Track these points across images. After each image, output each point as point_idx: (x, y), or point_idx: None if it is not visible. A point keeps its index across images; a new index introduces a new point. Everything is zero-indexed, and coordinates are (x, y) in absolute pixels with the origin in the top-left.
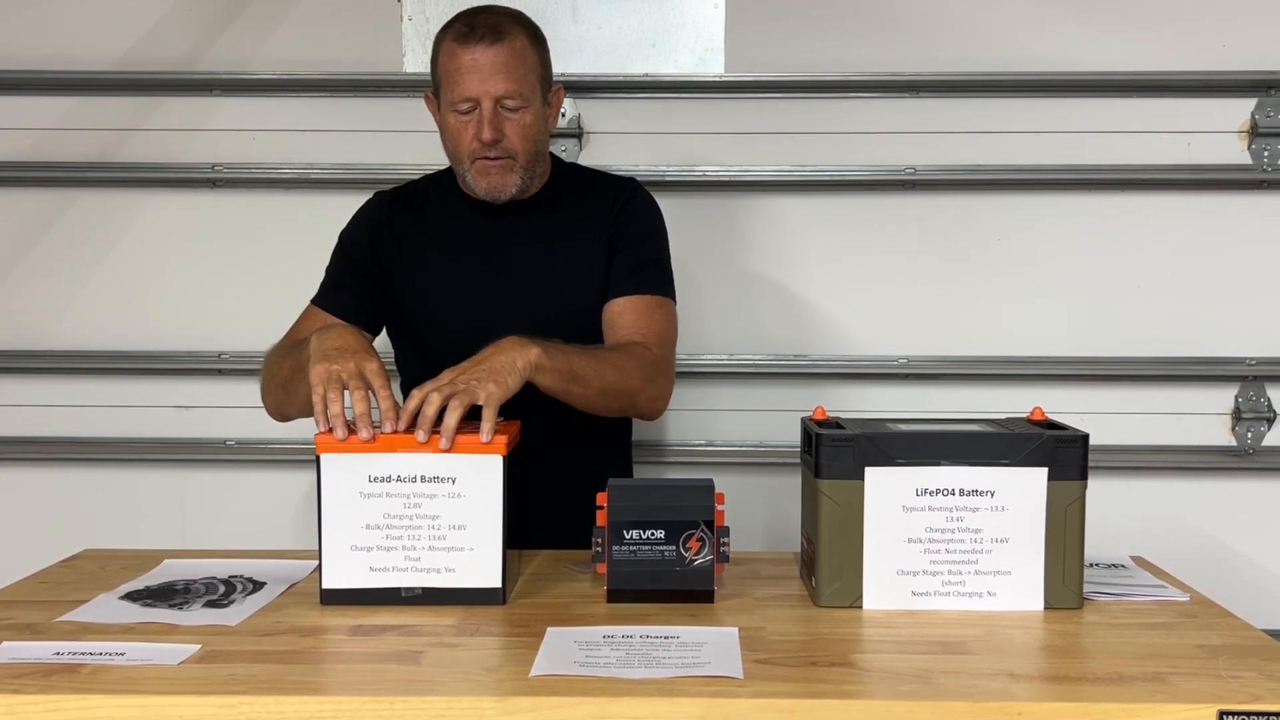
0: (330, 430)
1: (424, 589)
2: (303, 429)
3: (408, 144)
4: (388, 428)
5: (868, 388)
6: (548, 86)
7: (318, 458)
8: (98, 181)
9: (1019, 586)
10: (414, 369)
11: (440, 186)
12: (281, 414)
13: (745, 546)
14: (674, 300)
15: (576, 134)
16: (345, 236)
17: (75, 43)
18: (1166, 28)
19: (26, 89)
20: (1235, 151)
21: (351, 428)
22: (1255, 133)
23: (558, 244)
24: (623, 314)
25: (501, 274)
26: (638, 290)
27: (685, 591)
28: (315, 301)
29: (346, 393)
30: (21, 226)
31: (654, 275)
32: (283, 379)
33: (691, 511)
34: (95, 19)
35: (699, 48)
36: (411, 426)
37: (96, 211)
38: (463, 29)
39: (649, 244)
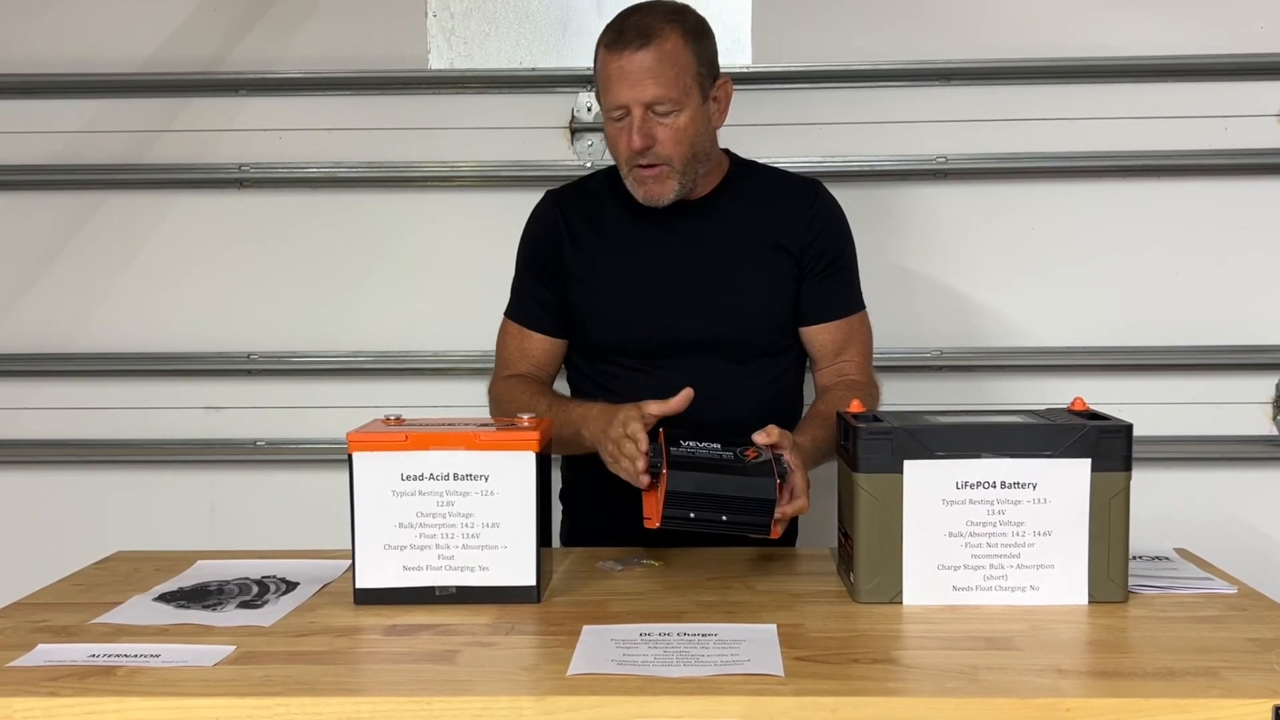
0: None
1: (458, 588)
2: (332, 427)
3: (435, 141)
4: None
5: (900, 380)
6: (710, 83)
7: (350, 456)
8: (126, 183)
9: (1063, 580)
10: (583, 366)
11: (612, 184)
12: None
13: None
14: (865, 304)
15: (602, 128)
16: (523, 243)
17: (101, 46)
18: (1201, 10)
19: (54, 93)
20: (1273, 135)
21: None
22: None
23: (734, 246)
24: (834, 339)
25: (671, 275)
26: (845, 313)
27: (746, 500)
28: (507, 314)
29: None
30: (51, 229)
31: (854, 292)
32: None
33: (745, 440)
34: (121, 22)
35: (726, 39)
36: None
37: (125, 213)
38: (613, 34)
39: (847, 259)
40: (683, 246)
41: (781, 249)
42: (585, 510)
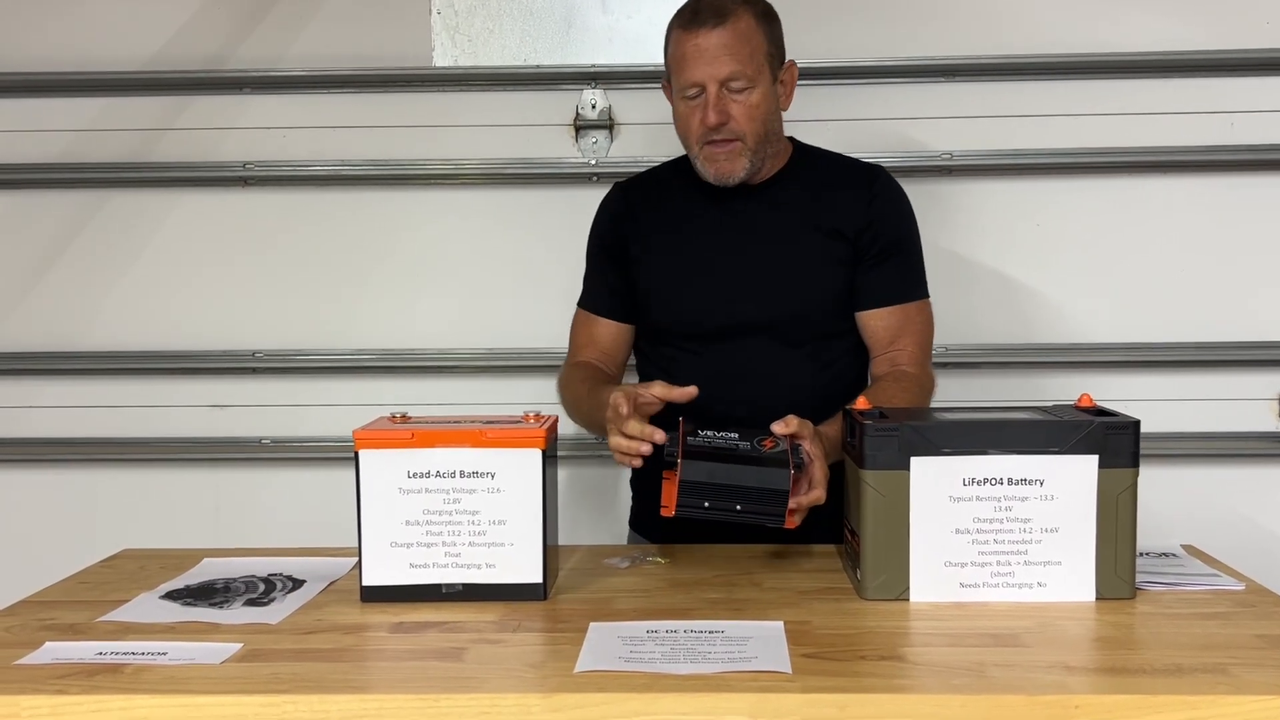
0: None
1: (464, 585)
2: (338, 425)
3: (439, 138)
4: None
5: None
6: (778, 64)
7: (356, 454)
8: (130, 182)
9: (1070, 577)
10: (646, 350)
11: (679, 172)
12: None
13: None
14: (928, 293)
15: (607, 125)
16: (592, 233)
17: (106, 44)
18: (1207, 6)
19: (58, 91)
20: None
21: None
22: None
23: (791, 230)
24: (888, 326)
25: (732, 259)
26: (900, 299)
27: (760, 491)
28: (580, 304)
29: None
30: (55, 228)
31: (913, 279)
32: (595, 424)
33: (765, 430)
34: (125, 20)
35: None
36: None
37: (129, 212)
38: (688, 14)
39: (906, 245)
40: (740, 230)
41: (838, 233)
42: (652, 496)
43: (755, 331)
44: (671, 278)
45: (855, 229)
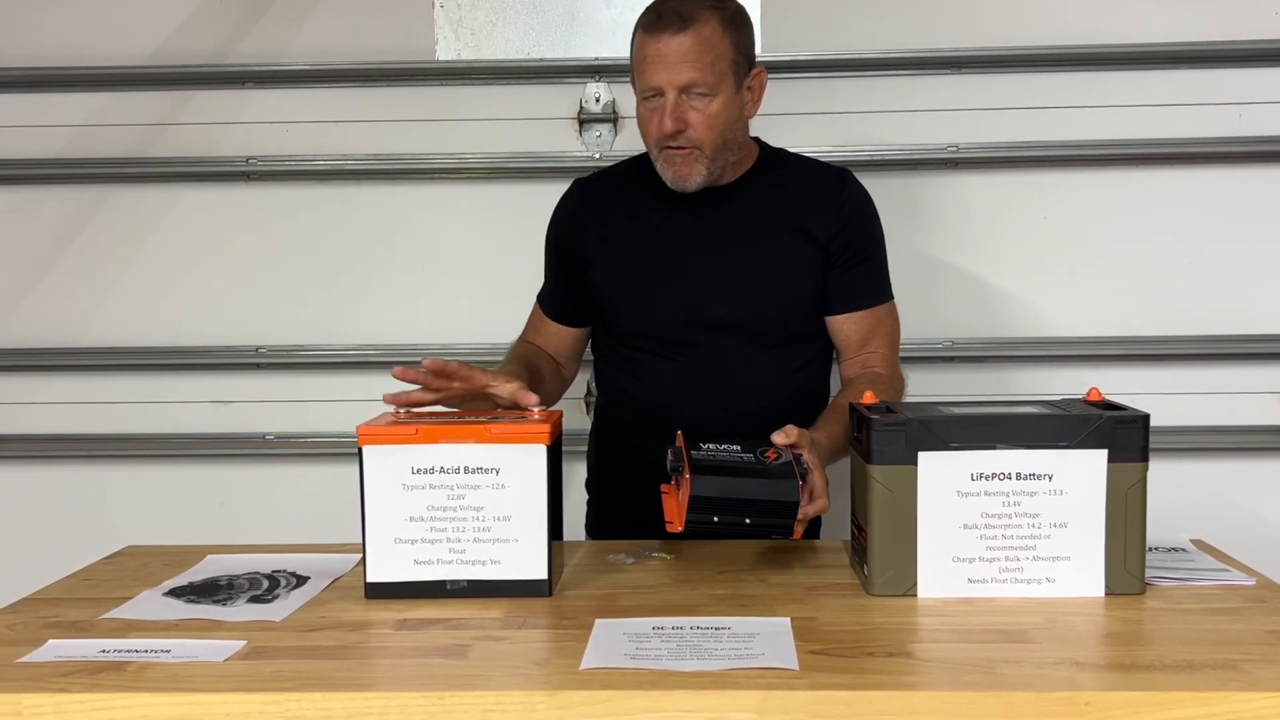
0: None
1: (469, 581)
2: (341, 421)
3: (442, 132)
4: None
5: (911, 372)
6: (744, 71)
7: (360, 450)
8: (132, 177)
9: (1079, 572)
10: (609, 354)
11: (638, 172)
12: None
13: None
14: (893, 294)
15: (611, 119)
16: (549, 230)
17: (108, 38)
18: None
19: (60, 86)
20: None
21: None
22: None
23: (760, 231)
24: (860, 330)
25: (695, 259)
26: (872, 303)
27: (769, 503)
28: (537, 297)
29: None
30: (57, 224)
31: (882, 282)
32: None
33: (764, 440)
34: (127, 14)
35: None
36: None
37: (131, 207)
38: (652, 16)
39: (875, 248)
40: (708, 231)
41: (808, 236)
42: (612, 501)
43: (725, 332)
44: (636, 279)
45: (827, 234)
